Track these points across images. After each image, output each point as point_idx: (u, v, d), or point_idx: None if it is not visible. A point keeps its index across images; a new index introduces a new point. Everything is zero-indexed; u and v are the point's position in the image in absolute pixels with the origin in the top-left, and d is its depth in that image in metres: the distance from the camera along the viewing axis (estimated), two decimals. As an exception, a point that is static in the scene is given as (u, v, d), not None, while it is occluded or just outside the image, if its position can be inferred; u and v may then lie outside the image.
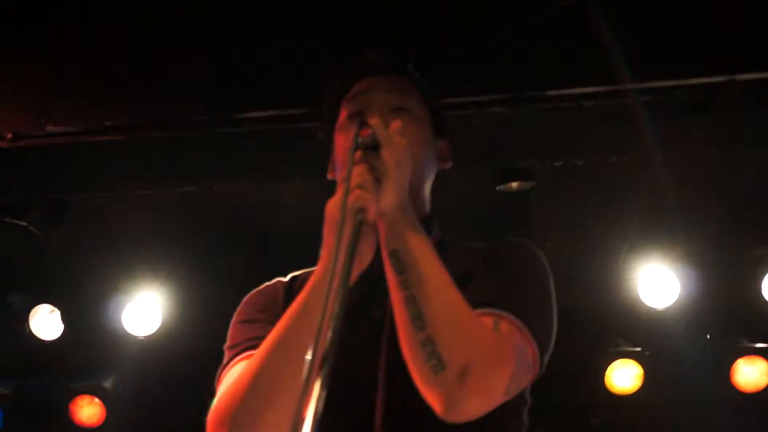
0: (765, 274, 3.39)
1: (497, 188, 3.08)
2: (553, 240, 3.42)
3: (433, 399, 1.28)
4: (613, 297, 3.45)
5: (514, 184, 3.06)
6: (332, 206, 1.31)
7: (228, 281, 1.67)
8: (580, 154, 2.96)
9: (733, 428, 3.52)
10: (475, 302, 1.32)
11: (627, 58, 2.64)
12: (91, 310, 3.44)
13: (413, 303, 1.28)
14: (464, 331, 1.28)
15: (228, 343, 1.50)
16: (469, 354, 1.26)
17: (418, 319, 1.27)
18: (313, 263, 1.43)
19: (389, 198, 1.30)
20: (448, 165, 1.54)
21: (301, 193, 2.65)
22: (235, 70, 2.60)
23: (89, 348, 3.52)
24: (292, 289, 1.51)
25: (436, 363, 1.26)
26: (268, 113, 2.60)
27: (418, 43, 2.55)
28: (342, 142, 1.49)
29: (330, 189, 1.41)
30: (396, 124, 1.35)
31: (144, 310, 3.37)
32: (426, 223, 1.46)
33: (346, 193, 1.22)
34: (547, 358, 1.39)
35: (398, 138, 1.32)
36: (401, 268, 1.30)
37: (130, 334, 3.39)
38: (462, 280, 1.33)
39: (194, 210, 3.18)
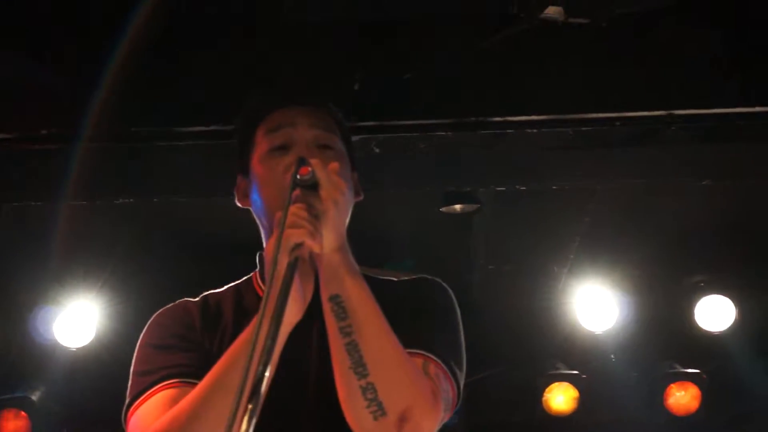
0: (698, 301, 3.48)
1: (441, 209, 3.12)
2: (496, 263, 3.47)
3: None
4: (554, 320, 3.54)
5: (458, 207, 3.11)
6: (269, 247, 1.32)
7: (165, 293, 1.66)
8: (522, 180, 3.00)
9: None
10: (405, 342, 1.35)
11: (572, 88, 2.71)
12: (20, 320, 3.37)
13: (355, 350, 1.30)
14: (404, 379, 1.32)
15: (139, 367, 1.45)
16: (408, 401, 1.30)
17: (360, 366, 1.30)
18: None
19: (328, 239, 1.31)
20: (361, 197, 1.52)
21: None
22: (176, 83, 2.59)
23: (18, 359, 3.45)
24: (207, 313, 1.49)
25: (377, 409, 1.29)
26: (210, 128, 2.58)
27: (363, 64, 2.55)
28: (267, 175, 1.46)
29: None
30: (334, 165, 1.35)
31: (77, 320, 3.29)
32: None
33: (281, 232, 1.22)
34: (461, 397, 1.45)
35: (337, 178, 1.33)
36: (342, 314, 1.31)
37: (61, 346, 3.33)
38: (388, 319, 1.35)
39: (132, 221, 3.15)
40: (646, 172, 2.94)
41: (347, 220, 1.36)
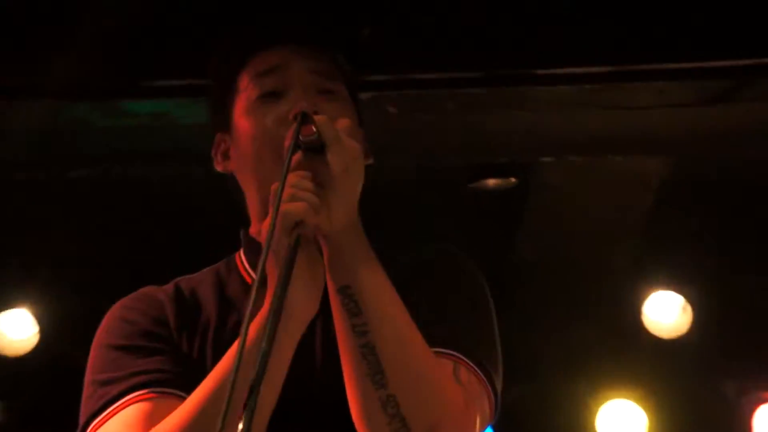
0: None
1: (470, 186, 2.86)
2: (537, 249, 3.11)
3: None
4: (617, 326, 3.11)
5: (490, 182, 2.85)
6: (264, 226, 1.14)
7: (125, 283, 1.43)
8: (573, 149, 2.67)
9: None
10: (428, 340, 1.18)
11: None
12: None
13: (372, 354, 1.15)
14: (431, 389, 1.17)
15: (97, 375, 1.24)
16: (436, 415, 1.16)
17: (378, 374, 1.15)
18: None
19: (337, 215, 1.13)
20: (371, 161, 1.30)
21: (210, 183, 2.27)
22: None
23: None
24: (181, 306, 1.31)
25: (400, 426, 1.15)
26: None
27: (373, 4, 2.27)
28: (256, 129, 1.26)
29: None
30: (344, 121, 1.19)
31: (15, 324, 3.06)
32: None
33: (277, 207, 1.05)
34: (499, 404, 1.29)
35: (348, 139, 1.15)
36: (356, 308, 1.15)
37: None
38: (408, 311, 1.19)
39: (84, 199, 2.82)
40: (724, 137, 2.57)
41: (360, 191, 1.17)
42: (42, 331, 3.06)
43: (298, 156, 1.13)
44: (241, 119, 1.29)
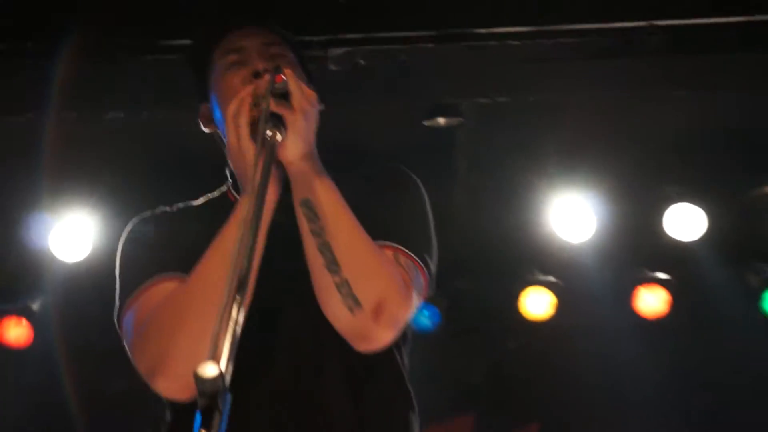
0: (670, 210, 3.52)
1: (424, 123, 3.10)
2: (477, 175, 3.49)
3: (349, 335, 1.36)
4: (532, 231, 3.56)
5: (441, 120, 3.08)
6: (248, 156, 1.34)
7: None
8: (504, 93, 2.99)
9: (633, 350, 3.72)
10: (375, 235, 1.38)
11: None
12: (15, 231, 3.34)
13: (327, 249, 1.33)
14: (376, 272, 1.35)
15: (125, 270, 1.46)
16: (382, 293, 1.34)
17: (333, 264, 1.33)
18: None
19: (297, 146, 1.33)
20: (322, 107, 1.51)
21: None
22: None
23: (16, 269, 3.44)
24: (185, 219, 1.52)
25: (352, 303, 1.32)
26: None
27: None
28: (226, 90, 1.46)
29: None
30: (302, 77, 1.40)
31: (73, 234, 3.26)
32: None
33: (267, 107, 1.26)
34: (434, 283, 1.48)
35: (307, 89, 1.35)
36: (313, 216, 1.35)
37: (58, 259, 3.28)
38: (358, 214, 1.38)
39: (126, 136, 3.10)
40: (623, 84, 2.93)
41: (315, 130, 1.38)
42: (95, 242, 3.21)
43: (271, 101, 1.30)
44: (216, 86, 1.50)
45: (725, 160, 3.48)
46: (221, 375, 0.84)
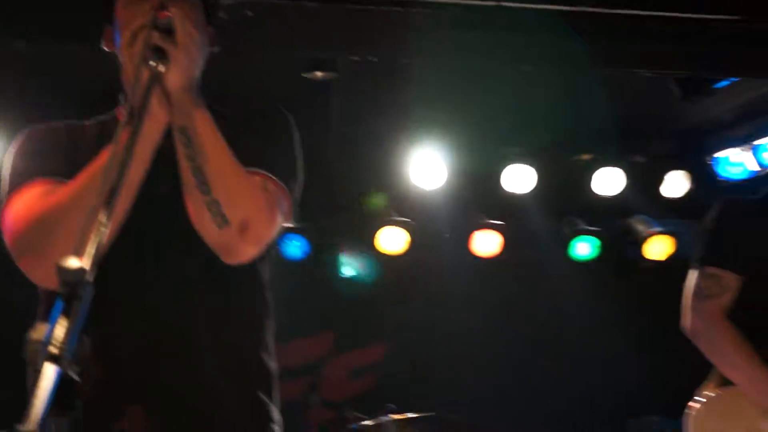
0: (507, 167, 4.08)
1: (303, 75, 3.25)
2: (348, 125, 3.81)
3: (217, 248, 1.47)
4: (393, 178, 3.98)
5: (318, 73, 3.25)
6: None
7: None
8: (375, 53, 3.23)
9: (469, 284, 4.31)
10: (247, 163, 1.47)
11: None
12: None
13: (199, 172, 1.42)
14: (244, 194, 1.44)
15: (13, 172, 1.50)
16: (248, 213, 1.44)
17: (204, 185, 1.42)
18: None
19: (178, 78, 1.40)
20: (215, 48, 1.60)
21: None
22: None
23: None
24: (73, 133, 1.59)
25: (221, 220, 1.43)
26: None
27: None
28: (126, 19, 1.49)
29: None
30: (192, 16, 1.44)
31: None
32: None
33: (142, 53, 1.34)
34: (297, 208, 1.59)
35: (192, 28, 1.41)
36: (188, 142, 1.43)
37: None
38: (234, 144, 1.47)
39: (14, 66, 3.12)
40: (470, 55, 3.24)
41: (199, 66, 1.45)
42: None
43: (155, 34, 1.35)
44: (119, 12, 1.54)
45: (556, 128, 4.06)
46: (82, 268, 0.91)
